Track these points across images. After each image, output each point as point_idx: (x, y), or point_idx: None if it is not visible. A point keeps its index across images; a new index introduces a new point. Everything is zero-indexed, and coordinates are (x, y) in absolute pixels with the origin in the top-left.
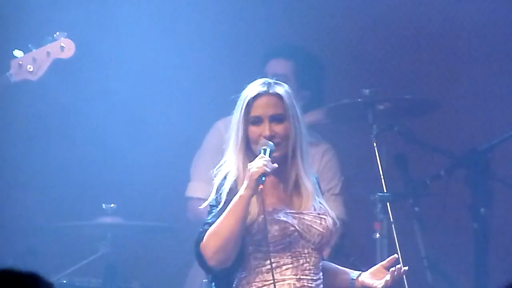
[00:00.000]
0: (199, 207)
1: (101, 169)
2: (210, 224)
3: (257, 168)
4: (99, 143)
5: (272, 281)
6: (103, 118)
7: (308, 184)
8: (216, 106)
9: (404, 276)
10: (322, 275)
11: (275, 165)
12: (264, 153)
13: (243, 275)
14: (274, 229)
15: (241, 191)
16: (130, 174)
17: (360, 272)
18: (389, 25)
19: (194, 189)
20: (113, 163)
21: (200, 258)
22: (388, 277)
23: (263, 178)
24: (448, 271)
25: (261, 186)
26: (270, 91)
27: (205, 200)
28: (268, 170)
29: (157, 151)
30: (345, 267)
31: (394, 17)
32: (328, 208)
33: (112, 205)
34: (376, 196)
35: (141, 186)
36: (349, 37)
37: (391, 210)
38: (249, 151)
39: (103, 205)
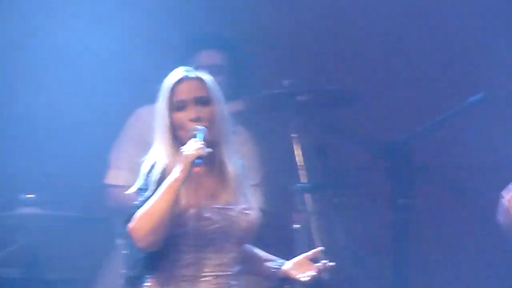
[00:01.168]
0: (123, 194)
1: (19, 159)
2: (139, 207)
3: (193, 150)
4: (17, 132)
5: (189, 277)
6: (22, 108)
7: (233, 173)
8: (138, 95)
9: None
10: (247, 261)
11: (210, 149)
12: (197, 137)
13: (162, 269)
14: (198, 225)
15: (175, 173)
16: (49, 164)
17: (284, 261)
18: (311, 16)
19: (115, 177)
20: (32, 153)
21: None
22: (313, 272)
23: (199, 161)
24: (367, 263)
25: (197, 169)
26: (193, 75)
27: (126, 187)
28: (204, 153)
29: (77, 140)
30: None
31: (315, 8)
32: (253, 200)
33: (30, 195)
34: (296, 187)
35: (60, 176)
36: (270, 28)
37: (311, 201)
38: (176, 138)
39: (22, 196)
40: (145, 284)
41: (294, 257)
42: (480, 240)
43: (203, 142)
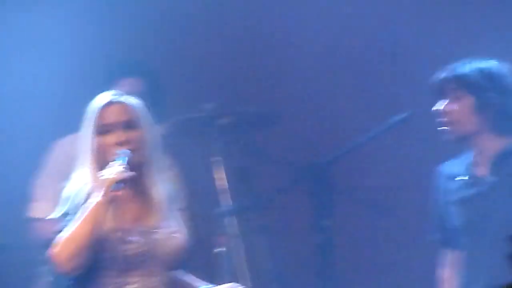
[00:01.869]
0: (50, 226)
1: None
2: (61, 232)
3: (115, 174)
4: None
5: None
6: None
7: (159, 196)
8: (55, 126)
9: None
10: (176, 285)
11: (132, 173)
12: (121, 160)
13: None
14: (124, 248)
15: (96, 198)
16: None
17: (212, 285)
18: (230, 41)
19: (40, 209)
20: None
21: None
22: None
23: (120, 185)
24: (293, 284)
25: (119, 193)
26: (121, 99)
27: (52, 220)
28: (126, 176)
29: None
30: None
31: (235, 32)
32: (181, 223)
33: None
34: (221, 209)
35: None
36: (190, 52)
37: (236, 224)
38: (101, 162)
39: None
40: None
41: (220, 280)
42: (401, 257)
43: (125, 166)
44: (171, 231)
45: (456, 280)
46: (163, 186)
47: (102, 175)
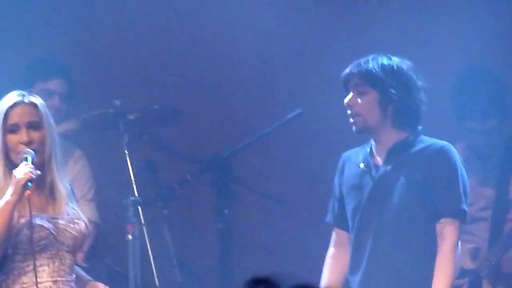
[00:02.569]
0: None
1: None
2: None
3: (23, 174)
4: None
5: (29, 283)
6: None
7: (62, 189)
8: None
9: (155, 274)
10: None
11: (38, 172)
12: (27, 160)
13: (2, 279)
14: (29, 233)
15: (7, 196)
16: None
17: (90, 280)
18: (138, 43)
19: None
20: None
21: None
22: None
23: (29, 184)
24: (195, 269)
25: (28, 192)
26: (26, 101)
27: None
28: (34, 176)
29: None
30: (99, 268)
31: (143, 36)
32: (80, 213)
33: None
34: (128, 200)
35: None
36: (101, 54)
37: (142, 213)
38: (7, 160)
39: None
40: None
41: (128, 265)
42: (294, 239)
43: (32, 166)
44: (72, 218)
45: (343, 258)
46: (63, 180)
47: (15, 175)
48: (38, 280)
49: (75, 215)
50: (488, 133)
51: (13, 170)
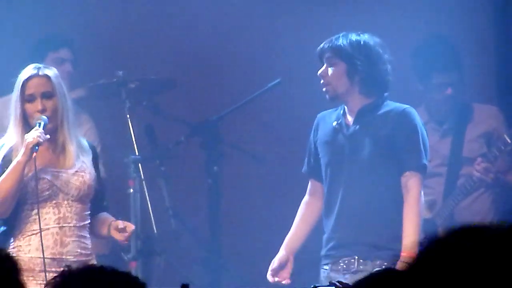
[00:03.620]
0: None
1: None
2: None
3: (32, 138)
4: None
5: (38, 230)
6: None
7: (72, 147)
8: None
9: (153, 222)
10: (95, 224)
11: (48, 136)
12: (39, 126)
13: (15, 225)
14: (36, 184)
15: (19, 157)
16: None
17: (114, 220)
18: (138, 20)
19: None
20: None
21: None
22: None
23: (37, 147)
24: (188, 218)
25: (34, 154)
26: (40, 73)
27: None
28: (41, 140)
29: None
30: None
31: (142, 15)
32: (89, 166)
33: None
34: (130, 158)
35: None
36: (105, 29)
37: (142, 170)
38: (26, 125)
39: None
40: (11, 243)
41: (130, 215)
42: (276, 192)
43: (42, 131)
44: (77, 171)
45: (316, 205)
46: (73, 139)
47: (26, 139)
48: (45, 226)
49: (81, 168)
50: (445, 100)
51: (25, 135)
